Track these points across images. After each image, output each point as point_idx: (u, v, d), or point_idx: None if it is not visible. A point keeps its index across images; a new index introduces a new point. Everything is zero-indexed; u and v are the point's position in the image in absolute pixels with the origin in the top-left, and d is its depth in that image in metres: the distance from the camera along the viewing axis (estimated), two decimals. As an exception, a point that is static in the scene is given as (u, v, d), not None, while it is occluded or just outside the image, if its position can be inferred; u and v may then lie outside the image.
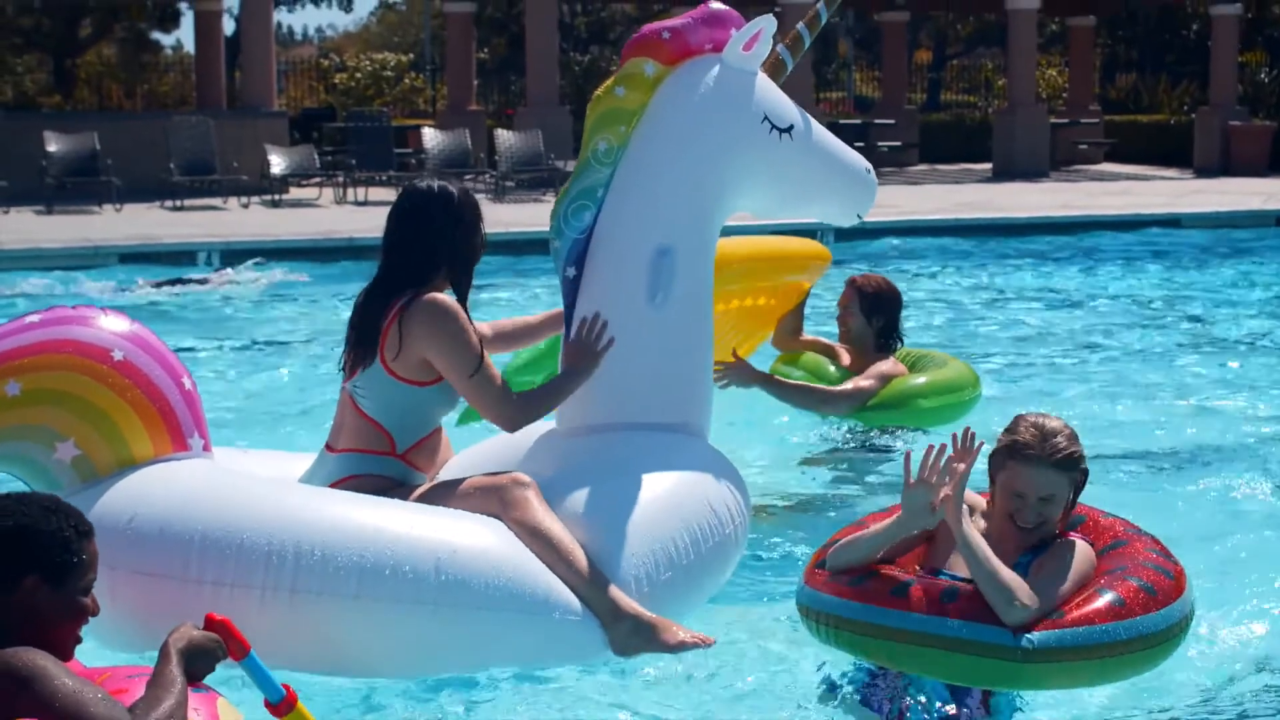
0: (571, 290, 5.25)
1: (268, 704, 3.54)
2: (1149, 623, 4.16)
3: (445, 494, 4.83)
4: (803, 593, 4.41)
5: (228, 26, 33.09)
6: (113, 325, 4.69)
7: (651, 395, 5.17)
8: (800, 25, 5.79)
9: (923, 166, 30.92)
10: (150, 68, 41.92)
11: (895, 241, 18.25)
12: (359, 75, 37.57)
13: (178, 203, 22.04)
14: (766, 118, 5.30)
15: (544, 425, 5.33)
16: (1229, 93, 29.98)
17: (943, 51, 48.78)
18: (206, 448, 4.80)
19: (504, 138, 24.10)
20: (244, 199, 22.66)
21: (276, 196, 22.87)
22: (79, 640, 3.44)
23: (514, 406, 4.96)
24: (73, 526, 3.37)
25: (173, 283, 14.40)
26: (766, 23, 5.25)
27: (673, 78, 5.26)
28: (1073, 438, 4.33)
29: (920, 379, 7.54)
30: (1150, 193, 24.15)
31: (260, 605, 4.32)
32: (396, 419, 4.93)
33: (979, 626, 4.06)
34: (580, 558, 4.60)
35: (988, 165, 29.77)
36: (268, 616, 4.28)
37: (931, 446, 4.21)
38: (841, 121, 30.76)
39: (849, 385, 7.36)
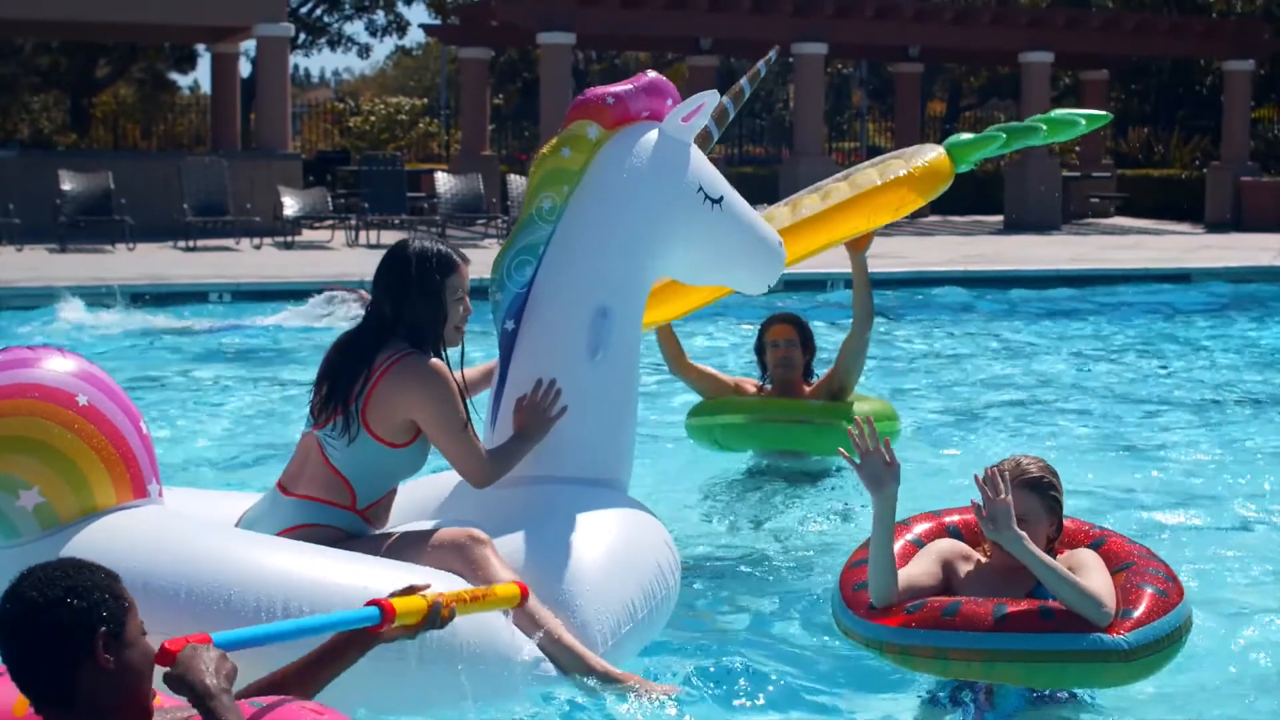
0: (509, 343, 5.32)
1: None
2: (1185, 609, 4.68)
3: (401, 548, 4.82)
4: (887, 632, 4.69)
5: (244, 69, 33.33)
6: (74, 368, 4.54)
7: (584, 450, 5.27)
8: (726, 99, 6.07)
9: (934, 218, 30.98)
10: (167, 108, 42.16)
11: (905, 293, 18.27)
12: (373, 119, 37.79)
13: (190, 243, 22.11)
14: (701, 188, 5.48)
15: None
16: (1241, 148, 30.06)
17: (956, 103, 48.95)
18: (160, 493, 4.72)
19: (516, 183, 24.18)
20: (256, 240, 22.74)
21: (289, 238, 22.94)
22: (153, 691, 3.36)
23: (488, 465, 5.02)
24: (105, 574, 3.31)
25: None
26: (709, 98, 5.48)
27: (613, 141, 5.41)
28: (1045, 469, 4.82)
29: (865, 404, 7.78)
30: (1161, 247, 24.17)
31: (248, 660, 4.30)
32: (365, 476, 4.93)
33: (1085, 637, 4.49)
34: (548, 616, 4.67)
35: (999, 217, 29.83)
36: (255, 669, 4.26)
37: (852, 430, 4.69)
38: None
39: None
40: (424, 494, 5.44)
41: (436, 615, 3.83)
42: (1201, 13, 35.57)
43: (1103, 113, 7.34)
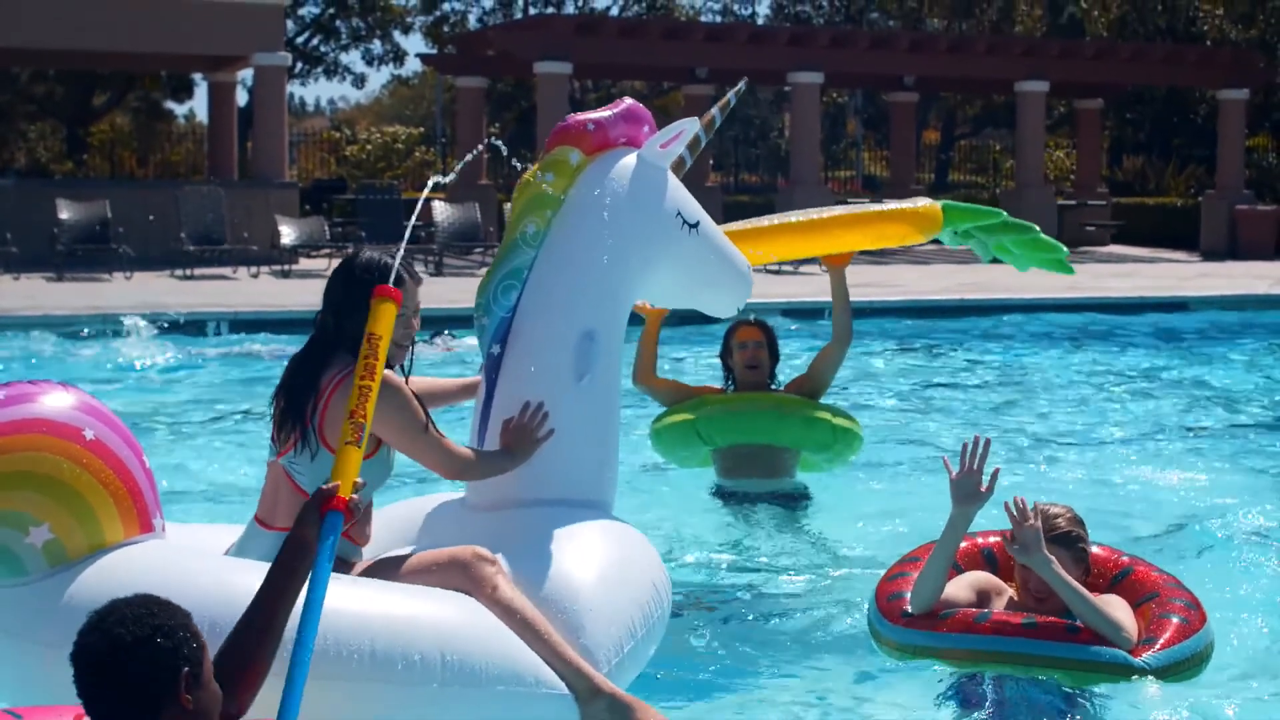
0: (495, 367, 5.34)
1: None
2: (1206, 635, 5.03)
3: (404, 569, 4.80)
4: (921, 637, 4.99)
5: (241, 97, 33.39)
6: (78, 402, 4.48)
7: (571, 472, 5.29)
8: (699, 128, 6.09)
9: (929, 246, 30.99)
10: (163, 137, 42.22)
11: (900, 321, 18.29)
12: (370, 147, 37.85)
13: (187, 272, 22.12)
14: (679, 212, 5.54)
15: (451, 495, 5.44)
16: (1236, 177, 30.14)
17: (951, 132, 49.07)
18: (163, 528, 4.66)
19: (513, 212, 24.18)
20: (253, 269, 22.75)
21: (286, 267, 22.96)
22: None
23: (461, 462, 5.01)
24: (183, 613, 3.30)
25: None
26: (689, 125, 5.55)
27: (593, 167, 5.46)
28: (1073, 520, 5.11)
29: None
30: (1157, 275, 24.22)
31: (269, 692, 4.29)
32: None
33: (1110, 651, 4.84)
34: (555, 636, 4.67)
35: (995, 245, 29.85)
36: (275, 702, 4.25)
37: (966, 443, 4.97)
38: (849, 200, 30.93)
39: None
40: (407, 518, 5.43)
41: (360, 430, 4.10)
42: (1196, 42, 35.69)
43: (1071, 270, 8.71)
